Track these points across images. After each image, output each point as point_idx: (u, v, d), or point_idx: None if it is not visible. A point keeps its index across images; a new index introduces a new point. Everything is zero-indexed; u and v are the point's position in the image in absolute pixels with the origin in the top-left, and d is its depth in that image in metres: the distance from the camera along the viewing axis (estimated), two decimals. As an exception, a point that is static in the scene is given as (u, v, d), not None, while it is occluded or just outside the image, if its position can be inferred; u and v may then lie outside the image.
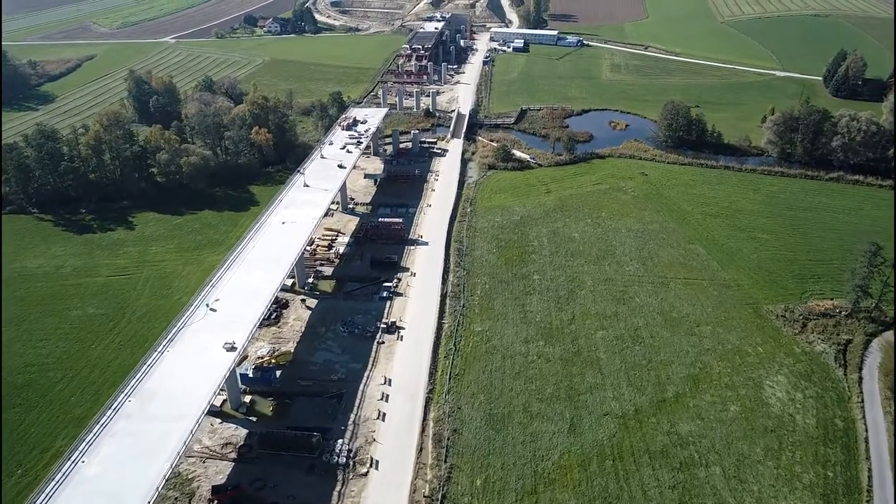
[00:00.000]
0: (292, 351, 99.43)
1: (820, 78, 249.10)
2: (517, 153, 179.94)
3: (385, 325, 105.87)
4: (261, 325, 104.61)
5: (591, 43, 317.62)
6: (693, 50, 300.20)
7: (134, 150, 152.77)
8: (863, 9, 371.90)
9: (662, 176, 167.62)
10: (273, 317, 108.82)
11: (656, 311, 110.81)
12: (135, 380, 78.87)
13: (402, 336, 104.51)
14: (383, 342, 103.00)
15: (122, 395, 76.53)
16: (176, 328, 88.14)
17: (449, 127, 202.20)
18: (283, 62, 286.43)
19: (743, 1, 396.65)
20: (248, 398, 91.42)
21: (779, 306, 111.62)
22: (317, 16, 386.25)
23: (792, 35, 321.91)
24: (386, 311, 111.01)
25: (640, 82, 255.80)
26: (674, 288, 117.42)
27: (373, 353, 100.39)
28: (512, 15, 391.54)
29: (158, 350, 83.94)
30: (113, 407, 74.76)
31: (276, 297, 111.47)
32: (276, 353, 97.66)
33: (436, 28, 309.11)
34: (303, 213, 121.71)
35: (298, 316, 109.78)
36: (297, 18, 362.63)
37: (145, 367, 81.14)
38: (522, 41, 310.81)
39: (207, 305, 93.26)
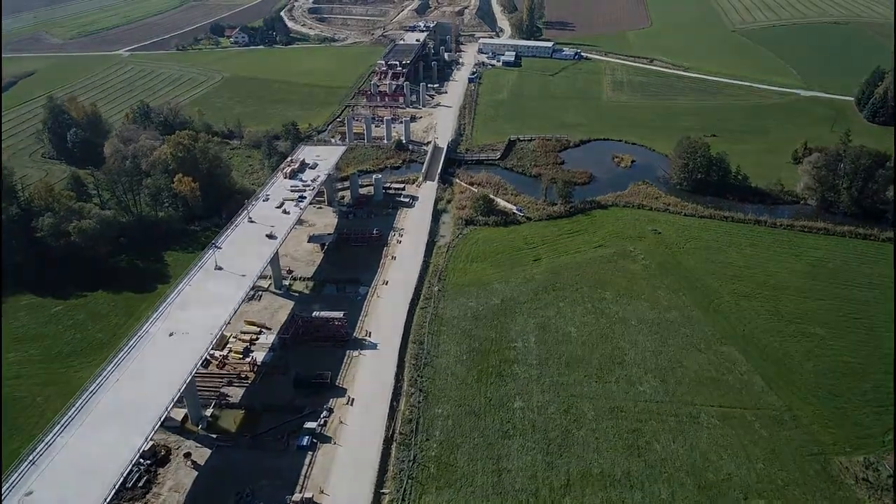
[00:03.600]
0: (147, 564, 67.42)
1: (850, 98, 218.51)
2: (501, 202, 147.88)
3: (295, 506, 73.82)
4: (120, 499, 73.11)
5: (589, 55, 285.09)
6: (703, 63, 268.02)
7: (10, 212, 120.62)
8: (885, 15, 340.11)
9: (679, 234, 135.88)
10: (141, 482, 76.77)
11: (685, 469, 78.86)
12: None
13: (318, 525, 72.57)
14: (290, 537, 71.08)
15: None
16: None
17: (423, 163, 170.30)
18: (244, 80, 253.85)
19: (754, 6, 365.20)
20: None
21: (856, 459, 79.99)
22: (291, 24, 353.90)
23: (811, 45, 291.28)
24: (303, 472, 78.75)
25: (646, 104, 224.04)
26: (706, 424, 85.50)
27: (271, 561, 68.50)
28: (503, 23, 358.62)
29: None
30: None
31: (154, 446, 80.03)
32: (123, 568, 65.83)
33: (417, 40, 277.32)
34: (202, 318, 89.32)
35: (178, 482, 77.43)
36: (268, 27, 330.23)
37: None
38: (514, 54, 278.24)
39: (8, 509, 61.46)
